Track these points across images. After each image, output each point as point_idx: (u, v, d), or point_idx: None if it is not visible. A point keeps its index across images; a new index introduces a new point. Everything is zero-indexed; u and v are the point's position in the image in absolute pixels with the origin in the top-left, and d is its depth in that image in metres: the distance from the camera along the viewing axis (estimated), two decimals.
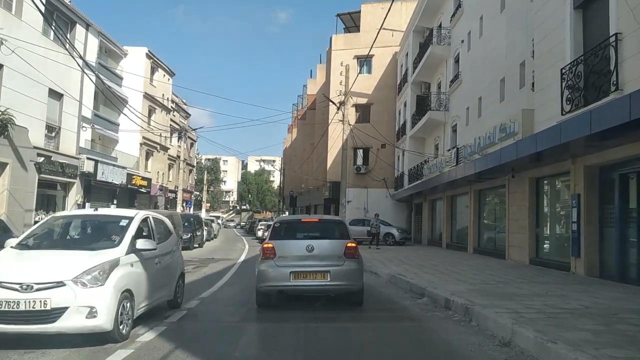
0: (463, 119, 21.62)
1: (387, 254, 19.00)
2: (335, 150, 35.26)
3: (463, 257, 17.33)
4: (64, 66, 20.39)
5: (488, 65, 18.64)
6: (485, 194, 19.66)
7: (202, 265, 16.06)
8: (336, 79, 32.22)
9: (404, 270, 12.32)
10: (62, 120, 21.85)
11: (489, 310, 6.61)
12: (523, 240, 14.91)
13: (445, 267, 13.35)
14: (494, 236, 18.52)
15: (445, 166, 20.22)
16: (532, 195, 14.55)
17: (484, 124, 18.45)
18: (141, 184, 33.02)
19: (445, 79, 24.98)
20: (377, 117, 34.03)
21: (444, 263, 14.81)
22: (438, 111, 24.51)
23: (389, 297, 9.35)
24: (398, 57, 35.31)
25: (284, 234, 8.07)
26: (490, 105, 18.18)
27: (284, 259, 7.42)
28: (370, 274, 13.28)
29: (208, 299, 8.98)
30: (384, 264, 14.61)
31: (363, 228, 27.05)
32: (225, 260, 18.00)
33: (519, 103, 15.02)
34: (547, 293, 8.35)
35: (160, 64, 39.31)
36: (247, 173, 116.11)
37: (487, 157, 14.63)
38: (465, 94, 21.67)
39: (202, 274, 13.45)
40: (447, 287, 9.01)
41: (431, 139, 27.30)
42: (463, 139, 20.93)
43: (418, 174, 26.59)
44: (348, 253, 7.49)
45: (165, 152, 41.58)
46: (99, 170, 24.45)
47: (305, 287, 7.43)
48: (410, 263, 14.81)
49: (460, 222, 23.06)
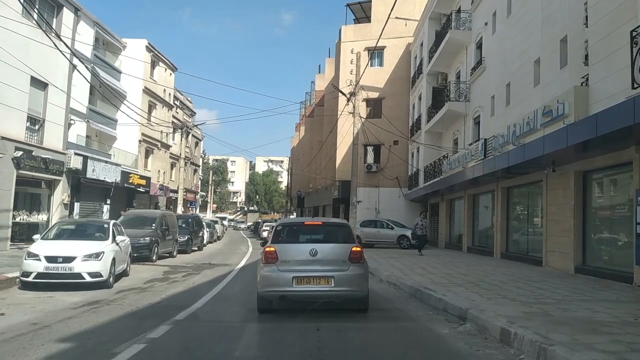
0: (487, 109, 19.46)
1: (405, 259, 16.89)
2: (344, 147, 33.23)
3: (491, 263, 15.18)
4: (51, 54, 18.47)
5: (518, 46, 16.49)
6: (515, 192, 17.47)
7: (194, 272, 14.07)
8: (346, 72, 30.17)
9: (429, 282, 10.23)
10: (47, 112, 19.91)
11: (579, 355, 4.48)
12: (566, 245, 12.74)
13: (477, 277, 11.23)
14: (526, 240, 16.33)
15: (469, 161, 18.06)
16: (578, 192, 12.37)
17: (513, 112, 16.31)
18: (139, 183, 31.12)
19: (465, 67, 22.82)
20: (389, 112, 31.81)
21: (474, 271, 12.68)
22: (458, 102, 22.35)
23: (418, 321, 7.25)
24: (412, 48, 33.17)
25: (287, 238, 7.76)
26: (522, 91, 16.02)
27: (287, 264, 7.14)
28: (388, 286, 11.19)
29: (183, 323, 6.95)
30: (403, 272, 12.50)
31: (374, 230, 25.02)
32: (223, 267, 16.01)
33: (560, 85, 12.87)
34: (637, 320, 6.22)
35: (161, 58, 37.47)
36: (254, 174, 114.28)
37: (525, 148, 12.48)
38: (489, 82, 19.51)
39: (190, 284, 11.44)
40: (494, 308, 6.92)
41: (449, 134, 25.13)
42: (487, 130, 18.78)
43: (435, 171, 24.43)
44: (353, 257, 7.22)
45: (166, 150, 39.69)
46: (89, 167, 22.51)
47: (309, 292, 7.14)
48: (434, 271, 12.70)
49: (484, 224, 20.88)
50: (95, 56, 29.32)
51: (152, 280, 11.82)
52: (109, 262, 10.14)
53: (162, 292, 9.97)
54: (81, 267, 9.59)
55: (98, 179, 23.60)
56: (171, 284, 11.26)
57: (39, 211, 20.55)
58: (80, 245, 10.06)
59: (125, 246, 11.82)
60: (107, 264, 10.04)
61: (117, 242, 10.95)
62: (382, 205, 31.78)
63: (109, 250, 10.34)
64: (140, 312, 7.74)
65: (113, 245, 10.71)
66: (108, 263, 10.09)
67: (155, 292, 9.85)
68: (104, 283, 9.94)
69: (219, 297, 9.44)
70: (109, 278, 10.04)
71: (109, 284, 10.05)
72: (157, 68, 37.19)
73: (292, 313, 7.46)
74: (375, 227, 25.17)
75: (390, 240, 24.49)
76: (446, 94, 23.32)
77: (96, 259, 9.81)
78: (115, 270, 10.60)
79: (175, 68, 40.75)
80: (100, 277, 9.82)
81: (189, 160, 50.74)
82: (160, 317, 7.20)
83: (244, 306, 8.45)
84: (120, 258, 11.13)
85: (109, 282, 10.07)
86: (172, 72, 40.58)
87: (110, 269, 10.18)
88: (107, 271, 10.00)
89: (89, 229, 11.48)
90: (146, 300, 8.78)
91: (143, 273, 13.36)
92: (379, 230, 24.86)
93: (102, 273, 9.86)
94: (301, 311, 7.53)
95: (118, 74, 32.78)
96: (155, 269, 14.74)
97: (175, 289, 10.55)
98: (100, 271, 9.82)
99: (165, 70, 39.10)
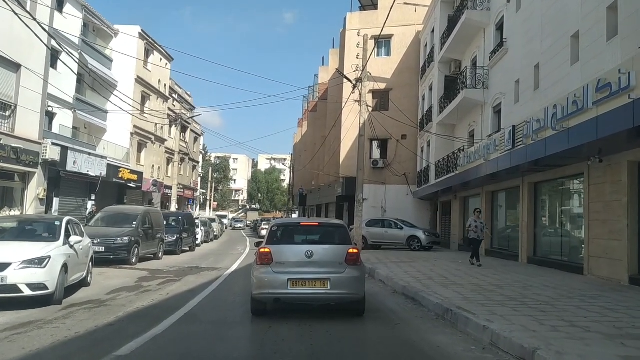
0: (510, 95, 17.34)
1: (418, 264, 14.81)
2: (349, 142, 31.16)
3: (520, 270, 13.08)
4: (26, 35, 16.43)
5: (550, 22, 14.38)
6: (545, 188, 15.34)
7: (174, 279, 12.03)
8: (351, 60, 27.88)
9: (460, 298, 8.14)
10: (20, 97, 17.93)
11: None
12: (616, 249, 10.65)
13: (515, 290, 9.13)
14: (559, 243, 14.23)
15: (492, 152, 15.93)
16: (633, 186, 10.28)
17: (544, 96, 14.20)
18: (130, 178, 29.13)
19: (483, 51, 20.68)
20: (397, 104, 29.54)
21: (506, 281, 10.58)
22: (475, 89, 20.20)
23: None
24: (421, 36, 31.02)
25: (282, 238, 7.55)
26: (555, 71, 13.90)
27: (282, 265, 6.96)
28: (405, 300, 9.10)
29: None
30: (421, 281, 10.41)
31: (382, 230, 22.93)
32: (210, 271, 13.98)
33: (609, 59, 10.77)
34: None
35: (155, 46, 35.45)
36: (257, 172, 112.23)
37: (570, 133, 10.36)
38: (512, 65, 17.39)
39: (163, 295, 9.39)
40: (574, 347, 4.77)
41: (464, 125, 22.98)
42: (510, 119, 16.67)
43: (449, 166, 22.31)
44: (350, 259, 7.03)
45: (162, 144, 37.68)
46: (70, 159, 20.48)
47: (304, 295, 6.94)
48: (459, 281, 10.61)
49: (505, 224, 18.78)
50: (83, 42, 27.40)
51: (118, 290, 9.78)
52: (57, 270, 7.87)
53: (122, 307, 7.92)
54: (17, 277, 7.34)
55: (80, 172, 21.59)
56: (139, 296, 9.22)
57: (12, 206, 18.55)
58: (19, 248, 7.85)
59: (84, 249, 9.58)
60: (54, 272, 7.76)
61: (70, 244, 8.71)
62: (389, 204, 29.74)
63: (58, 255, 8.09)
64: (73, 343, 5.67)
65: (65, 248, 8.48)
66: (56, 271, 7.82)
67: (113, 309, 7.80)
68: (49, 297, 7.74)
69: (191, 318, 7.36)
70: (56, 290, 7.78)
71: (56, 298, 7.85)
72: (151, 57, 35.20)
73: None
74: (383, 226, 23.07)
75: (399, 242, 22.41)
76: (462, 81, 21.19)
77: (39, 266, 7.54)
78: (67, 279, 8.40)
79: (172, 58, 38.77)
80: (45, 290, 7.59)
81: (187, 155, 48.76)
82: (96, 350, 5.17)
83: (219, 328, 6.45)
84: (76, 264, 8.92)
85: (56, 296, 7.86)
86: (168, 62, 38.59)
87: (60, 278, 7.91)
88: (53, 282, 7.71)
89: (35, 228, 9.24)
90: (93, 322, 6.72)
91: (113, 280, 11.34)
92: (386, 231, 22.77)
93: (47, 284, 7.61)
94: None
95: (109, 62, 30.84)
96: (131, 274, 12.72)
97: (142, 302, 8.50)
98: (45, 282, 7.57)
99: (161, 60, 37.10)
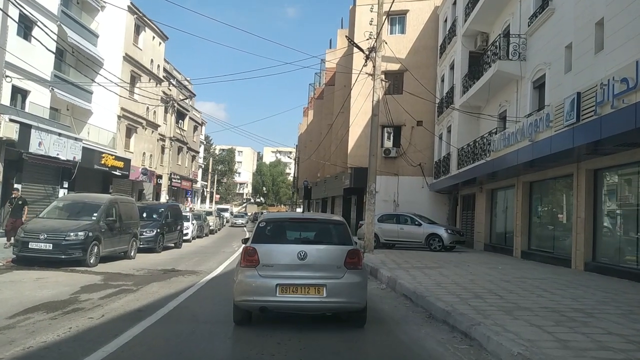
0: (558, 64, 14.16)
1: (449, 270, 11.77)
2: (358, 128, 28.10)
3: (590, 284, 10.01)
4: None
5: None
6: (610, 175, 12.20)
7: (131, 288, 9.06)
8: (361, 38, 24.95)
9: (553, 342, 5.11)
10: None
11: None
12: None
13: (625, 326, 6.10)
14: (635, 246, 11.08)
15: (542, 130, 12.79)
16: None
17: (611, 59, 11.08)
18: (115, 165, 26.22)
19: (519, 18, 17.49)
20: (412, 87, 26.35)
21: (589, 305, 7.54)
22: (510, 61, 17.06)
23: None
24: (440, 11, 27.78)
25: (271, 236, 6.44)
26: (627, 27, 10.75)
27: (270, 268, 5.98)
28: (452, 337, 6.08)
29: None
30: (468, 302, 7.38)
31: (396, 226, 19.89)
32: (187, 276, 11.06)
33: None
34: None
35: (147, 23, 32.41)
36: (262, 164, 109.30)
37: None
38: (561, 28, 14.21)
39: (93, 320, 6.39)
40: None
41: (493, 107, 19.81)
42: (558, 93, 13.57)
43: (476, 153, 19.20)
44: (349, 263, 6.04)
45: (154, 130, 34.73)
46: (34, 140, 17.53)
47: (295, 303, 5.92)
48: (523, 303, 7.57)
49: (549, 221, 15.69)
50: (63, 13, 24.50)
51: (33, 310, 6.82)
52: None
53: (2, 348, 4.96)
54: None
55: (48, 155, 18.63)
56: (52, 322, 6.17)
57: None
58: None
59: None
60: None
61: None
62: (402, 197, 26.71)
63: None
64: None
65: None
66: None
67: None
68: None
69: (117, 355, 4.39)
70: None
71: None
72: (142, 34, 32.19)
73: None
74: (398, 222, 20.02)
75: (416, 240, 19.37)
76: (493, 52, 18.03)
77: None
78: None
79: (166, 37, 35.74)
80: None
81: (186, 144, 45.87)
82: None
83: None
84: None
85: None
86: (162, 41, 35.58)
87: None
88: None
89: None
90: None
91: (44, 290, 8.41)
92: (402, 227, 19.72)
93: None
94: None
95: (94, 38, 27.90)
96: (78, 280, 9.79)
97: (45, 336, 5.50)
98: None
99: (154, 39, 34.10)
